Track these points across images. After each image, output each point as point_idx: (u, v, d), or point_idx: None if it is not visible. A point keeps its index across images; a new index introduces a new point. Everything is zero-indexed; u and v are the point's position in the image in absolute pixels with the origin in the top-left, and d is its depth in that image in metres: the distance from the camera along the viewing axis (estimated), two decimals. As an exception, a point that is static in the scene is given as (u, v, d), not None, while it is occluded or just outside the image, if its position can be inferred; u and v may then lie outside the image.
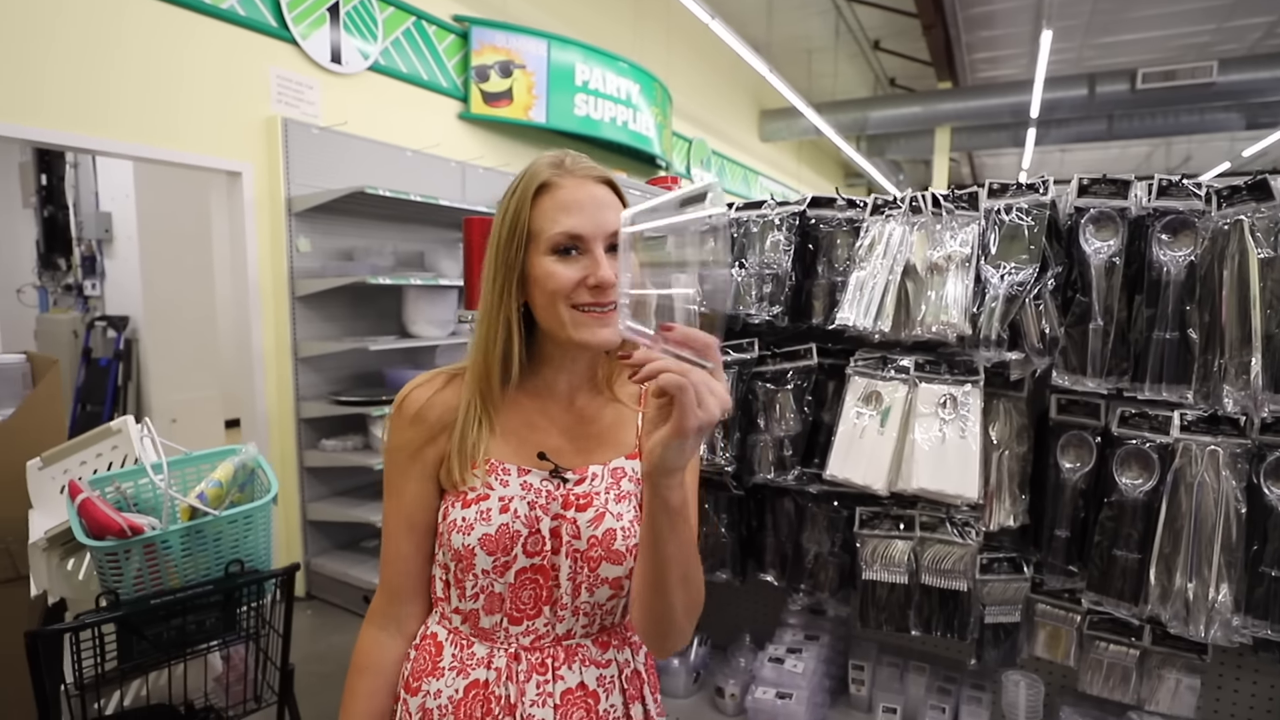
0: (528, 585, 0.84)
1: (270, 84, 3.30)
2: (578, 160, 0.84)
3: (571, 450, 0.87)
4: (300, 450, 3.41)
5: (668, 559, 0.72)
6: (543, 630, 0.85)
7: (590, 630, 0.88)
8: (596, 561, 0.83)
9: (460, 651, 0.86)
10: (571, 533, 0.83)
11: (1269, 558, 1.12)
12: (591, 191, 0.81)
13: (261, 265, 3.30)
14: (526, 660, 0.84)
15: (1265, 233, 1.08)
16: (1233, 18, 7.65)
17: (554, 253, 0.79)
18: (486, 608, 0.85)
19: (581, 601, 0.85)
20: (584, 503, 0.84)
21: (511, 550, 0.82)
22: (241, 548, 1.72)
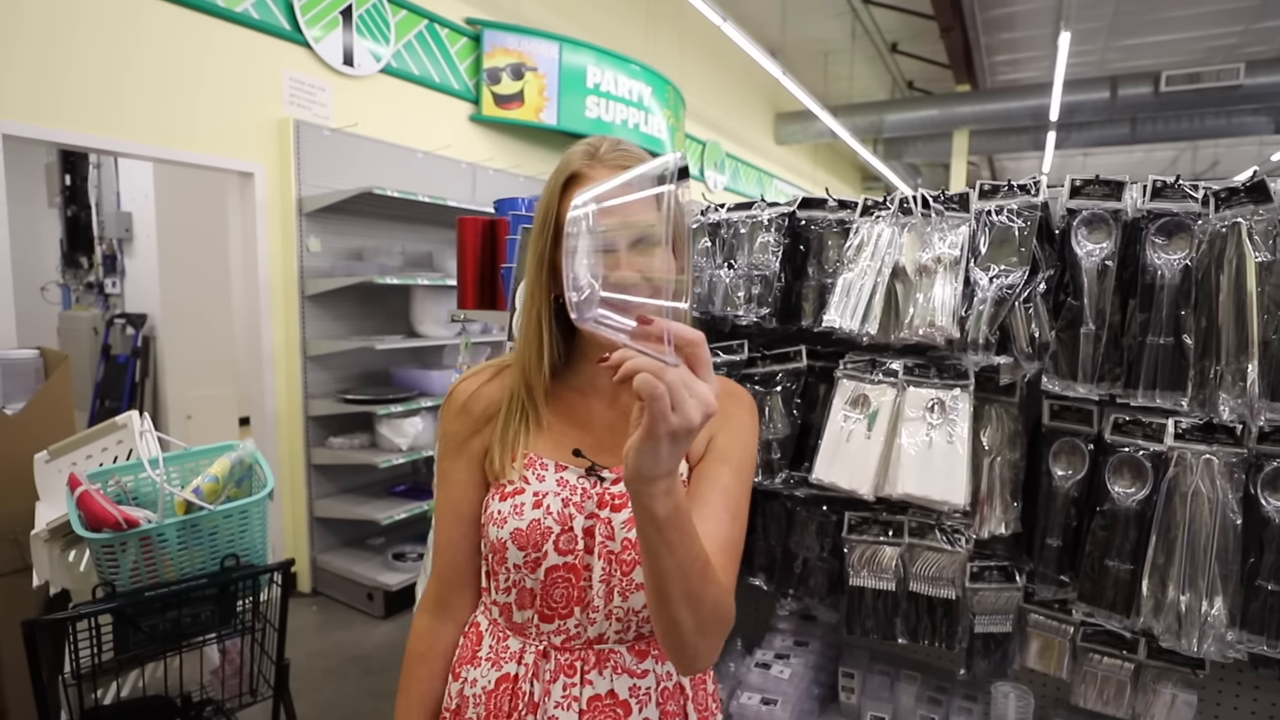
0: (559, 584, 0.83)
1: (283, 86, 3.35)
2: (614, 148, 0.80)
3: (610, 448, 0.85)
4: (308, 447, 3.45)
5: (664, 574, 0.67)
6: (574, 631, 0.84)
7: (625, 636, 0.84)
8: (630, 565, 0.81)
9: (496, 643, 0.87)
10: (605, 533, 0.81)
11: (1265, 571, 1.09)
12: None
13: (272, 265, 3.34)
14: (555, 660, 0.83)
15: (1263, 236, 1.05)
16: (1261, 19, 7.47)
17: None
18: (518, 602, 0.85)
19: (615, 605, 0.82)
20: (619, 503, 0.82)
21: (542, 546, 0.82)
22: (237, 542, 1.74)
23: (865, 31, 8.06)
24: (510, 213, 1.65)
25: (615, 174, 0.75)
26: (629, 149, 0.80)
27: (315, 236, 3.41)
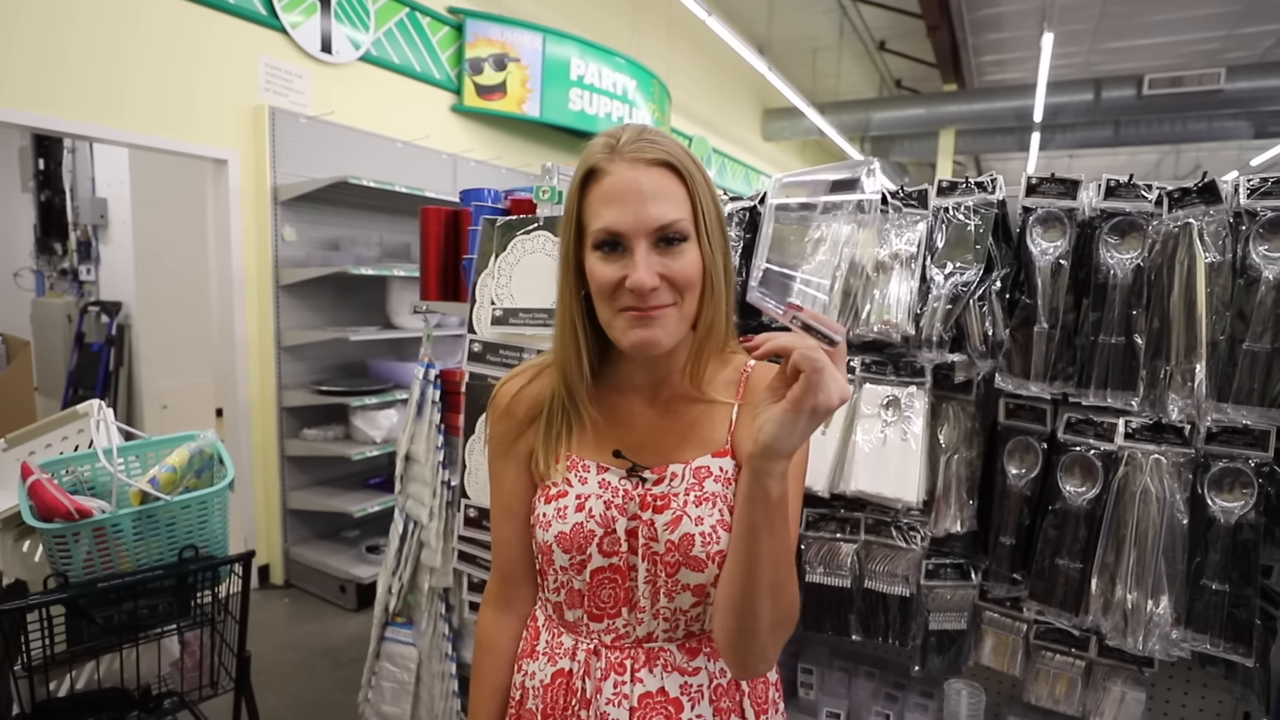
0: (606, 585, 0.82)
1: (259, 72, 3.30)
2: (634, 139, 0.74)
3: (652, 447, 0.83)
4: (281, 439, 3.41)
5: (760, 559, 0.67)
6: (622, 630, 0.83)
7: (674, 635, 0.83)
8: (674, 566, 0.79)
9: (552, 638, 0.87)
10: (648, 535, 0.80)
11: (1210, 570, 1.10)
12: (639, 179, 0.72)
13: (246, 253, 3.30)
14: (606, 657, 0.83)
15: (1214, 237, 1.06)
16: (1243, 24, 7.54)
17: (597, 249, 0.74)
18: (568, 602, 0.85)
19: (661, 606, 0.81)
20: (661, 504, 0.80)
21: (586, 549, 0.81)
22: (196, 534, 1.72)
23: (853, 29, 8.06)
24: (473, 203, 1.63)
25: (632, 169, 0.73)
26: (653, 140, 0.75)
27: (290, 225, 3.37)
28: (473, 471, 1.48)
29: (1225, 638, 1.09)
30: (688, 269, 0.74)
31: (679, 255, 0.73)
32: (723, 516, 0.79)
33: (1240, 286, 1.04)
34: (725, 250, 0.79)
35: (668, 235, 0.73)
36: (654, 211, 0.72)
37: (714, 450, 0.82)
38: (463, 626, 1.64)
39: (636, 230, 0.72)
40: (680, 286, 0.74)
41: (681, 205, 0.74)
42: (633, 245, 0.72)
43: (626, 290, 0.72)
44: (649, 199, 0.72)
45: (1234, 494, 1.09)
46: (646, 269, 0.71)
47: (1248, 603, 1.07)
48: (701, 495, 0.80)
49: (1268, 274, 1.02)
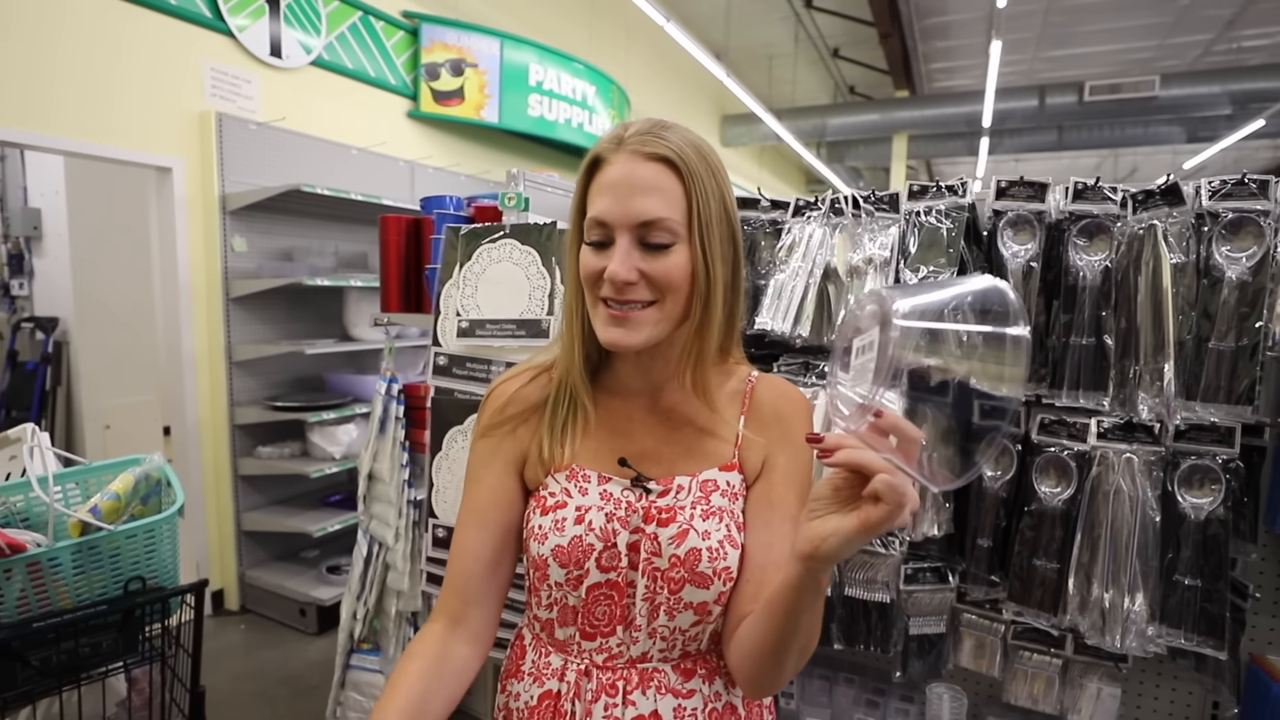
0: (602, 601, 0.79)
1: (204, 76, 3.17)
2: (642, 131, 0.73)
3: (655, 458, 0.81)
4: (234, 458, 3.27)
5: (796, 632, 0.67)
6: (616, 649, 0.80)
7: (670, 655, 0.80)
8: (679, 583, 0.76)
9: (539, 658, 0.83)
10: (651, 549, 0.77)
11: (1182, 566, 1.11)
12: (635, 171, 0.71)
13: (194, 265, 3.16)
14: (597, 679, 0.79)
15: (1178, 238, 1.08)
16: (1173, 35, 7.91)
17: (589, 239, 0.74)
18: (560, 619, 0.81)
19: (659, 624, 0.78)
20: (666, 517, 0.77)
21: (584, 564, 0.78)
22: (144, 564, 1.62)
23: (808, 36, 8.19)
24: (435, 211, 1.58)
25: (631, 161, 0.72)
26: (660, 134, 0.73)
27: (240, 236, 3.24)
28: (440, 490, 1.43)
29: (1199, 632, 1.11)
30: (670, 270, 0.72)
31: (663, 255, 0.72)
32: (729, 533, 0.76)
33: (1205, 286, 1.06)
34: (728, 256, 0.76)
35: (651, 235, 0.71)
36: (640, 206, 0.70)
37: (721, 464, 0.80)
38: (433, 651, 1.58)
39: (620, 222, 0.71)
40: (660, 286, 0.72)
41: (674, 204, 0.71)
42: (616, 238, 0.72)
43: (606, 282, 0.71)
44: (638, 193, 0.71)
45: (1203, 490, 1.10)
46: (623, 262, 0.70)
47: (1219, 596, 1.09)
48: (708, 509, 0.77)
49: (1230, 274, 1.04)
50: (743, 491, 0.80)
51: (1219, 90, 7.22)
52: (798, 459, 0.81)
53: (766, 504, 0.79)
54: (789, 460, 0.80)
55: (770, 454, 0.81)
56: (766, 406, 0.82)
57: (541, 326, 1.30)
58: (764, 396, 0.83)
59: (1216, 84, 7.23)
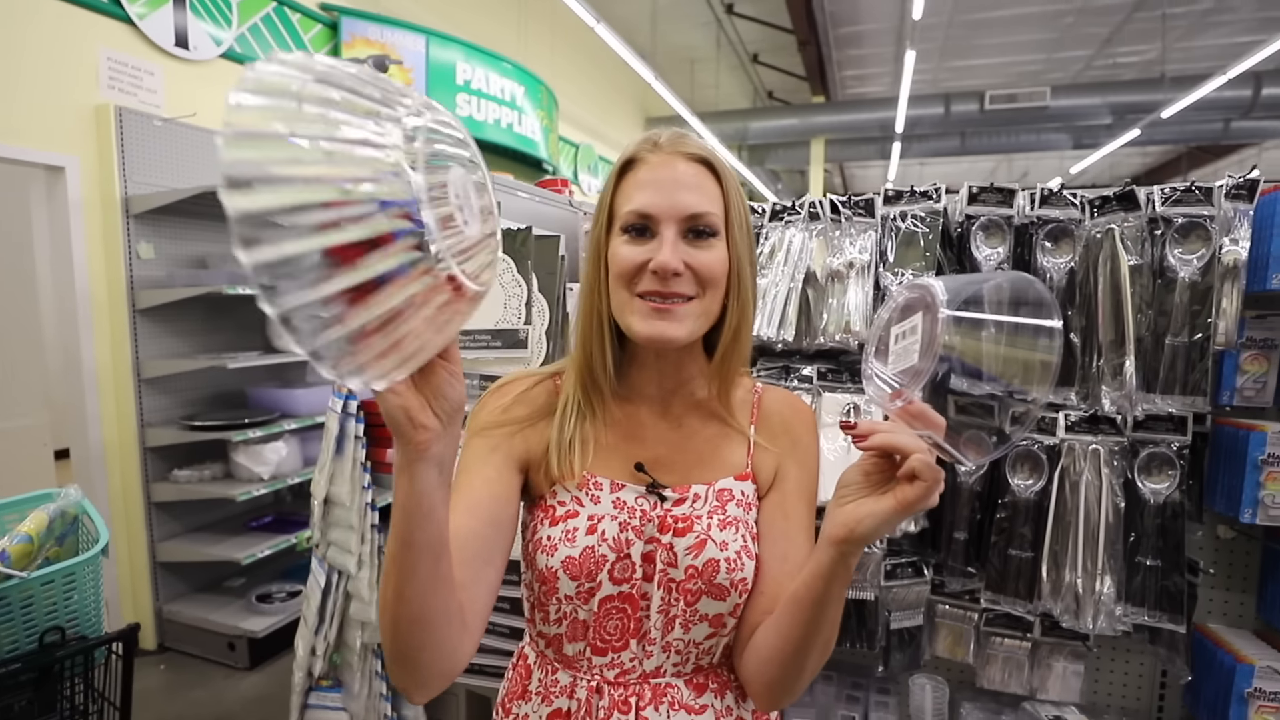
0: (614, 615, 0.75)
1: (100, 67, 2.89)
2: (675, 136, 0.75)
3: (669, 465, 0.78)
4: (146, 483, 3.00)
5: (824, 622, 0.66)
6: (628, 665, 0.76)
7: (682, 670, 0.77)
8: (695, 595, 0.73)
9: (545, 677, 0.80)
10: (667, 560, 0.74)
11: (1144, 548, 1.19)
12: (676, 169, 0.72)
13: (93, 273, 2.87)
14: (609, 695, 0.76)
15: (1134, 241, 1.15)
16: (1059, 50, 8.58)
17: (625, 232, 0.73)
18: (569, 635, 0.77)
19: (674, 637, 0.75)
20: (683, 527, 0.75)
21: (596, 576, 0.74)
22: (62, 612, 1.45)
23: (729, 41, 8.36)
24: (394, 216, 1.49)
25: (670, 160, 0.72)
26: (693, 139, 0.75)
27: (147, 241, 2.97)
28: (409, 511, 1.34)
29: (1160, 608, 1.18)
30: (714, 263, 0.72)
31: (707, 248, 0.72)
32: (746, 543, 0.75)
33: (1160, 286, 1.14)
34: (753, 260, 0.77)
35: (698, 226, 0.71)
36: (688, 199, 0.71)
37: (735, 473, 0.79)
38: (403, 682, 1.49)
39: (667, 214, 0.71)
40: (704, 280, 0.72)
41: (715, 201, 0.73)
42: (661, 230, 0.71)
43: (649, 274, 0.70)
44: (684, 187, 0.72)
45: (1160, 476, 1.18)
46: (673, 251, 0.70)
47: (1177, 574, 1.17)
48: (725, 519, 0.76)
49: (1183, 275, 1.12)
50: (756, 501, 0.80)
51: (1100, 102, 7.87)
52: (807, 469, 0.82)
53: (781, 515, 0.79)
54: (799, 470, 0.81)
55: (782, 464, 0.81)
56: (775, 416, 0.82)
57: (519, 336, 1.25)
58: (772, 406, 0.83)
59: (1098, 96, 7.88)
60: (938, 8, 6.98)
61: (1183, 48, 8.13)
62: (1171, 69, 7.65)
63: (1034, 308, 0.58)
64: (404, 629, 0.61)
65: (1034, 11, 7.43)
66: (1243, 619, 1.34)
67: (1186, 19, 7.44)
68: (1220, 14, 7.33)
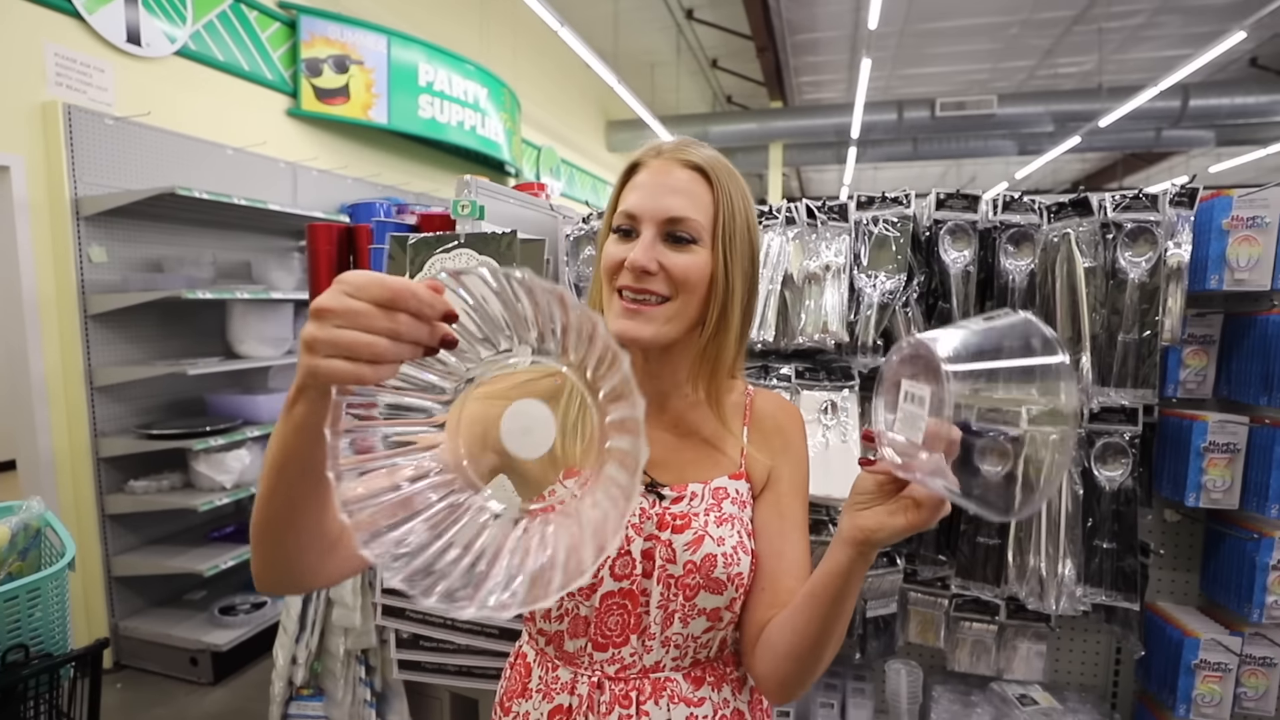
0: (615, 611, 0.77)
1: (46, 63, 2.78)
2: (679, 143, 0.77)
3: (666, 465, 0.80)
4: (100, 495, 2.89)
5: (841, 616, 0.69)
6: (629, 660, 0.77)
7: (681, 664, 0.79)
8: (693, 589, 0.75)
9: (546, 674, 0.81)
10: (666, 556, 0.76)
11: (1101, 532, 1.27)
12: (669, 174, 0.75)
13: (41, 277, 2.76)
14: (610, 690, 0.77)
15: (1088, 244, 1.22)
16: (1004, 60, 8.93)
17: (614, 232, 0.76)
18: (571, 631, 0.78)
19: (673, 632, 0.77)
20: (681, 524, 0.76)
21: (598, 573, 0.75)
22: (26, 628, 1.40)
23: (689, 47, 8.45)
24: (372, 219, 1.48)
25: (667, 166, 0.75)
26: (697, 148, 0.77)
27: (99, 244, 2.86)
28: (393, 514, 1.34)
29: (1116, 588, 1.26)
30: (688, 268, 0.74)
31: (685, 252, 0.74)
32: (741, 539, 0.78)
33: (1112, 286, 1.22)
34: (747, 271, 0.79)
35: (676, 231, 0.74)
36: (669, 202, 0.73)
37: (730, 472, 0.82)
38: (388, 689, 1.48)
39: (648, 215, 0.73)
40: (677, 281, 0.74)
41: (701, 209, 0.75)
42: (642, 229, 0.74)
43: (625, 270, 0.73)
44: (670, 192, 0.74)
45: (1115, 464, 1.26)
46: (645, 250, 0.72)
47: (1131, 556, 1.25)
48: (721, 516, 0.78)
49: (1133, 276, 1.20)
50: (750, 500, 0.82)
51: (1042, 110, 8.22)
52: (799, 469, 0.85)
53: (777, 514, 0.82)
54: (792, 471, 0.85)
55: (775, 465, 0.84)
56: (768, 419, 0.85)
57: (506, 339, 1.26)
58: (764, 409, 0.86)
59: (1041, 105, 8.22)
60: (891, 17, 7.20)
61: (1118, 60, 8.56)
62: (1108, 80, 8.05)
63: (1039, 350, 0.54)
64: (263, 526, 0.59)
65: (981, 23, 7.72)
66: (1188, 596, 1.44)
67: (1120, 33, 7.83)
68: (1151, 29, 7.75)
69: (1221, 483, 1.26)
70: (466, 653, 1.33)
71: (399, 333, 0.47)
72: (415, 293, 0.47)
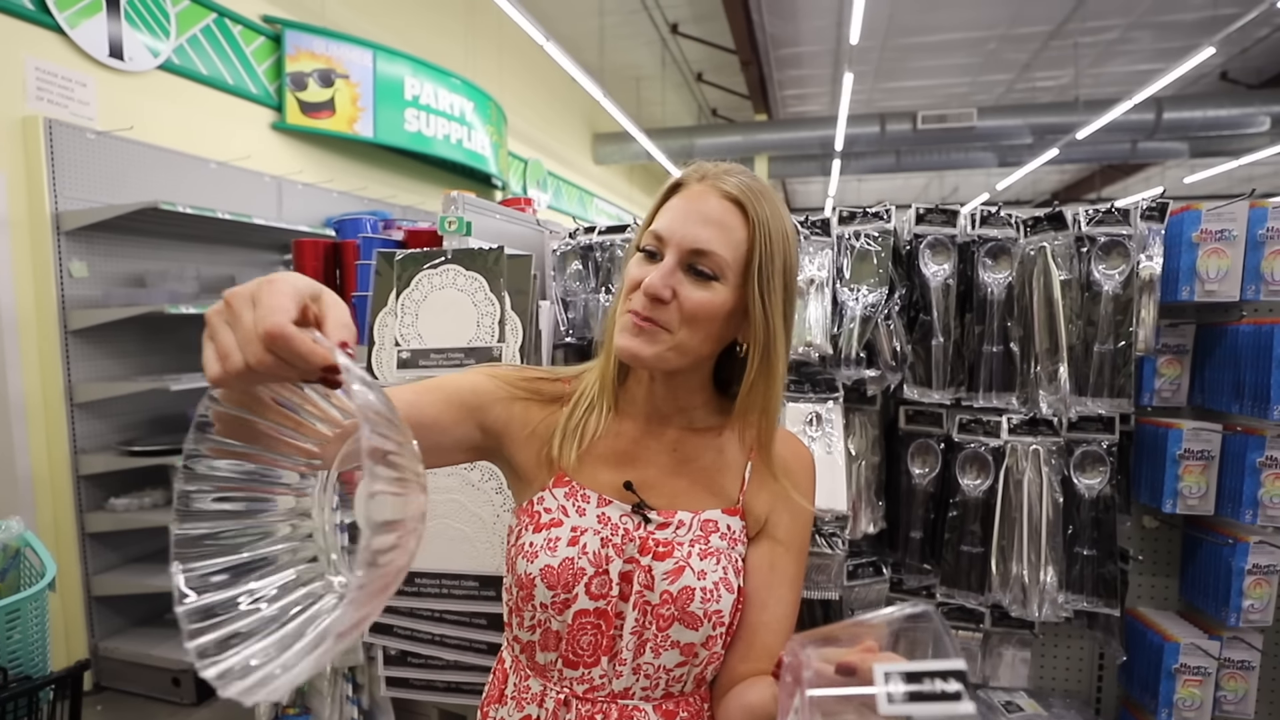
0: (588, 630, 0.76)
1: (26, 77, 2.76)
2: (725, 170, 0.75)
3: (659, 488, 0.79)
4: (80, 513, 2.84)
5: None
6: (598, 681, 0.76)
7: (651, 694, 0.77)
8: (668, 620, 0.74)
9: (520, 682, 0.80)
10: (644, 581, 0.75)
11: (1081, 539, 1.29)
12: (706, 202, 0.72)
13: (20, 292, 2.72)
14: (576, 710, 0.76)
15: (1064, 257, 1.25)
16: (983, 73, 9.09)
17: (641, 250, 0.75)
18: (542, 643, 0.77)
19: (645, 660, 0.75)
20: (663, 550, 0.75)
21: (573, 589, 0.74)
22: (4, 651, 1.38)
23: (674, 60, 8.53)
24: (359, 235, 1.49)
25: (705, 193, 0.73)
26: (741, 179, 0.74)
27: (80, 259, 2.84)
28: (380, 530, 1.33)
29: (1096, 594, 1.28)
30: (701, 304, 0.71)
31: (702, 287, 0.72)
32: (725, 576, 0.75)
33: (1087, 298, 1.25)
34: (787, 312, 0.76)
35: (698, 265, 0.72)
36: (700, 233, 0.71)
37: (724, 506, 0.80)
38: (375, 706, 1.46)
39: (674, 241, 0.72)
40: (686, 316, 0.72)
41: (732, 244, 0.72)
42: (665, 253, 0.73)
43: (640, 293, 0.72)
44: (701, 221, 0.72)
45: (1093, 472, 1.29)
46: (662, 276, 0.71)
47: (1111, 563, 1.28)
48: (706, 550, 0.76)
49: (1107, 288, 1.23)
50: (743, 538, 0.80)
51: (1021, 123, 8.37)
52: (799, 519, 0.82)
53: (767, 565, 0.80)
54: (791, 520, 0.81)
55: (774, 510, 0.81)
56: (776, 460, 0.81)
57: (493, 354, 1.27)
58: (775, 448, 0.82)
59: (1020, 117, 8.37)
60: (872, 31, 7.31)
61: (1094, 73, 8.74)
62: (1084, 93, 8.21)
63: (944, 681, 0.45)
64: None
65: (960, 38, 7.86)
66: (1168, 601, 1.47)
67: (1095, 48, 8.00)
68: (1125, 44, 7.93)
69: (1197, 489, 1.29)
70: (454, 669, 1.32)
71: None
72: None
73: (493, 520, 1.25)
